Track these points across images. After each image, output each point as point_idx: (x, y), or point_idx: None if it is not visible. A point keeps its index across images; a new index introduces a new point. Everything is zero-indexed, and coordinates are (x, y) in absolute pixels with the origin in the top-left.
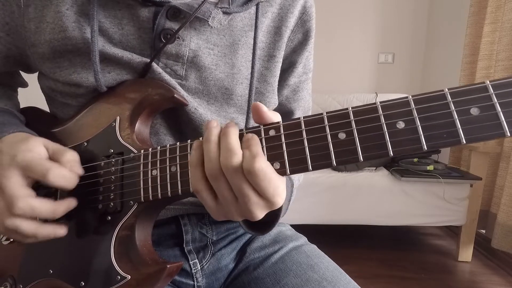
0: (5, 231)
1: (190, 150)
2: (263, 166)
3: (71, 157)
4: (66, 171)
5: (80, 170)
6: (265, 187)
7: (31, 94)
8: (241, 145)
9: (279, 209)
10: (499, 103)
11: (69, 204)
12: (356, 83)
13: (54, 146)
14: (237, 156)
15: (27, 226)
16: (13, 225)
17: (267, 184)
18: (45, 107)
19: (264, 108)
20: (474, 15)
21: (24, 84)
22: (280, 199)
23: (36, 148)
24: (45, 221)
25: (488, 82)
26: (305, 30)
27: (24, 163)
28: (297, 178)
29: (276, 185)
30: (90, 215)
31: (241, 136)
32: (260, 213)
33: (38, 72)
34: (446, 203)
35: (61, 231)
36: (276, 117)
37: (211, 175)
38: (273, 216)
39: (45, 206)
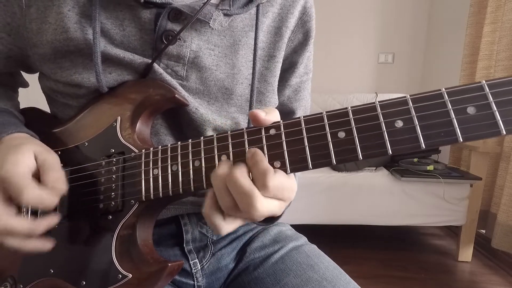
0: None
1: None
2: (276, 182)
3: (56, 175)
4: (44, 192)
5: (63, 190)
6: (282, 195)
7: (32, 95)
8: (248, 165)
9: None
10: (494, 102)
11: (50, 222)
12: (356, 83)
13: (43, 159)
14: (254, 196)
15: (8, 242)
16: None
17: (283, 193)
18: (45, 107)
19: (261, 114)
20: (474, 15)
21: (25, 84)
22: (293, 195)
23: (24, 160)
24: None
25: (484, 81)
26: (305, 30)
27: (4, 176)
28: (297, 176)
29: (290, 188)
30: (91, 214)
31: (241, 136)
32: (280, 211)
33: (39, 72)
34: (446, 203)
35: (46, 246)
36: (274, 117)
37: (231, 213)
38: None
39: (21, 225)
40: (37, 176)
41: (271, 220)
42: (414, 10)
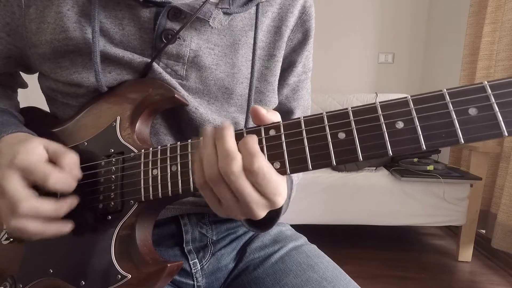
0: (12, 232)
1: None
2: (262, 165)
3: (71, 159)
4: (66, 175)
5: (79, 173)
6: (265, 186)
7: (31, 95)
8: (238, 145)
9: (280, 207)
10: (496, 103)
11: (72, 202)
12: (356, 83)
13: (54, 147)
14: (235, 159)
15: (33, 226)
16: (19, 226)
17: (267, 183)
18: (45, 107)
19: (262, 111)
20: (474, 15)
21: (24, 85)
22: (280, 198)
23: (36, 150)
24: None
25: (486, 82)
26: (304, 29)
27: (23, 165)
28: (296, 175)
29: (277, 184)
30: (90, 214)
31: (241, 137)
32: (262, 212)
33: (39, 72)
34: (446, 203)
35: (67, 227)
36: (275, 117)
37: (210, 180)
38: (274, 213)
39: (48, 205)
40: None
41: (264, 226)
42: (414, 10)
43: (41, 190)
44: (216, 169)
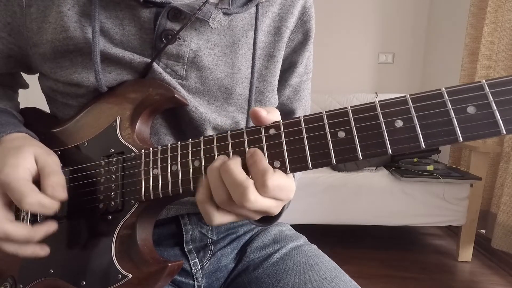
0: None
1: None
2: (275, 182)
3: (56, 180)
4: (45, 197)
5: (63, 195)
6: (280, 196)
7: (32, 95)
8: (248, 164)
9: None
10: (495, 101)
11: (48, 228)
12: (356, 83)
13: (43, 162)
14: (248, 187)
15: (6, 247)
16: None
17: (281, 193)
18: (45, 107)
19: (262, 112)
20: (474, 15)
21: (25, 86)
22: (292, 195)
23: (24, 163)
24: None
25: (484, 81)
26: (305, 30)
27: (5, 181)
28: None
29: (289, 188)
30: (91, 214)
31: (240, 136)
32: (277, 211)
33: (39, 72)
34: (446, 203)
35: (42, 252)
36: (275, 117)
37: (224, 206)
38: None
39: (20, 231)
40: (37, 179)
41: (269, 220)
42: (414, 10)
43: None
44: (229, 197)
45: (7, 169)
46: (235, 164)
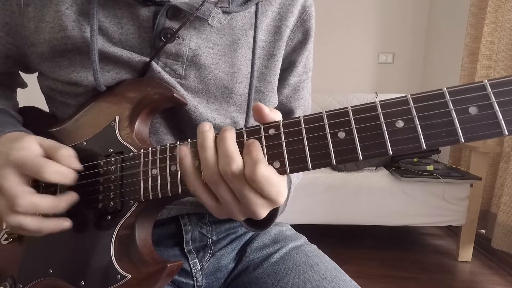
0: (11, 228)
1: (178, 156)
2: (265, 172)
3: (66, 152)
4: (62, 166)
5: (77, 165)
6: (268, 190)
7: (31, 94)
8: (241, 151)
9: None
10: (497, 102)
11: (71, 198)
12: (356, 83)
13: (49, 143)
14: (237, 162)
15: (31, 222)
16: (17, 223)
17: (270, 188)
18: (44, 107)
19: (265, 109)
20: (474, 15)
21: (23, 85)
22: (282, 198)
23: (30, 146)
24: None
25: (486, 81)
26: (305, 29)
27: (18, 161)
28: (296, 175)
29: (279, 186)
30: (90, 214)
31: (240, 136)
32: (263, 212)
33: (38, 72)
34: (446, 203)
35: (65, 223)
36: (277, 117)
37: (210, 181)
38: (272, 212)
39: (46, 201)
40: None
41: (260, 226)
42: (414, 10)
43: (41, 191)
44: (216, 169)
45: (15, 152)
46: (232, 136)
